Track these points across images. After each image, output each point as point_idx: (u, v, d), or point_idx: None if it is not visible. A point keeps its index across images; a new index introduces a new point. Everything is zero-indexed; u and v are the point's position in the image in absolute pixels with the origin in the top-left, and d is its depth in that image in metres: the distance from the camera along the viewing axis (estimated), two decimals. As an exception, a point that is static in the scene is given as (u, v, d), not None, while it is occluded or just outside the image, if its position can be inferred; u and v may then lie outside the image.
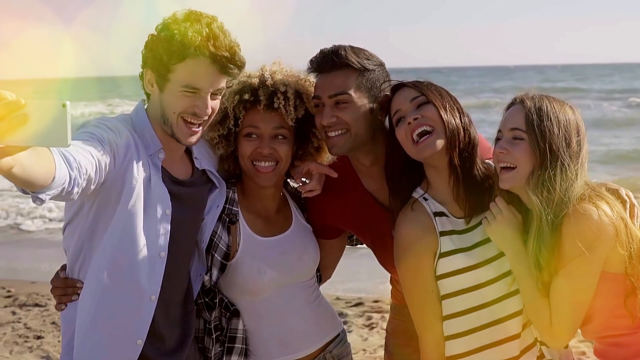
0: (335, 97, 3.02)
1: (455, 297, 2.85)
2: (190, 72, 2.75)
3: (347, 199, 3.21)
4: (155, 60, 2.80)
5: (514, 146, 2.71)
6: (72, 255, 2.86)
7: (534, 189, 2.68)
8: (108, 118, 2.81)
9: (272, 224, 3.26)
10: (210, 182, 3.12)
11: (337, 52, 3.04)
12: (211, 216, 3.11)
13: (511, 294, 2.86)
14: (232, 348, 3.12)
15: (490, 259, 2.85)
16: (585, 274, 2.65)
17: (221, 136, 3.14)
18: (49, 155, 2.09)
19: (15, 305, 8.45)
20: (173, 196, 2.88)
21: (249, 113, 3.11)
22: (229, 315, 3.13)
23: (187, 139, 2.84)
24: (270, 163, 3.12)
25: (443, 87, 2.93)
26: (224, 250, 3.09)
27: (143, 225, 2.77)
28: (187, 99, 2.78)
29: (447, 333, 2.86)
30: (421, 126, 2.80)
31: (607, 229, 2.62)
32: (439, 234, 2.84)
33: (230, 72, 2.80)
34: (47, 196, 2.13)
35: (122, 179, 2.72)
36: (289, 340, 3.23)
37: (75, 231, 2.81)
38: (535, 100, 2.73)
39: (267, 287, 3.15)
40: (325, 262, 3.41)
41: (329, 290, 8.57)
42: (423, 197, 2.89)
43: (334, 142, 3.06)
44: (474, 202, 2.87)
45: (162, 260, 2.84)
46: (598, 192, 2.70)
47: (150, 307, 2.83)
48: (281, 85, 3.08)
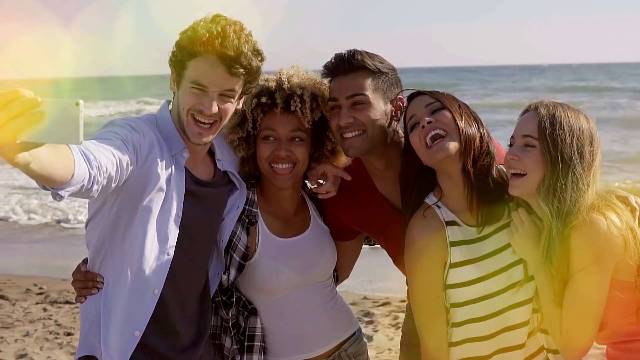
0: (353, 98, 3.07)
1: (463, 307, 2.86)
2: (198, 69, 2.81)
3: (361, 202, 3.26)
4: (174, 58, 2.89)
5: (525, 153, 2.70)
6: (94, 250, 2.92)
7: (545, 198, 2.68)
8: (133, 118, 2.87)
9: (290, 225, 3.31)
10: (231, 184, 3.18)
11: (353, 55, 3.10)
12: (231, 217, 3.16)
13: (519, 304, 2.86)
14: (252, 346, 3.17)
15: (500, 270, 2.85)
16: (593, 285, 2.65)
17: (241, 139, 3.20)
18: (68, 153, 2.15)
19: (47, 302, 8.57)
20: (193, 196, 2.93)
21: (266, 116, 3.16)
22: (246, 314, 3.19)
23: (195, 137, 2.88)
24: (287, 165, 3.17)
25: (462, 101, 2.94)
26: (242, 250, 3.15)
27: (157, 220, 2.83)
28: (195, 96, 2.84)
29: (453, 340, 2.89)
30: (434, 129, 2.79)
31: (615, 240, 2.62)
32: (449, 244, 2.84)
33: (235, 72, 2.82)
34: (67, 192, 2.19)
35: (144, 178, 2.78)
36: (305, 339, 3.28)
37: (97, 227, 2.88)
38: (549, 108, 2.72)
39: (284, 287, 3.20)
40: (341, 262, 3.46)
41: (357, 290, 8.61)
42: (436, 205, 2.88)
43: (351, 143, 3.10)
44: (487, 211, 2.85)
45: (169, 257, 2.88)
46: (608, 202, 2.69)
47: (152, 300, 2.87)
48: (298, 89, 3.13)
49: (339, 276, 3.53)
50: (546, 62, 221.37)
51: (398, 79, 3.19)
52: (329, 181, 3.27)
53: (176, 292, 2.94)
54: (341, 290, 7.92)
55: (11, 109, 1.72)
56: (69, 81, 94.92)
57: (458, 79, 73.56)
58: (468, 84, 63.35)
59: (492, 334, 2.88)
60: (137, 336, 2.87)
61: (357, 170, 3.28)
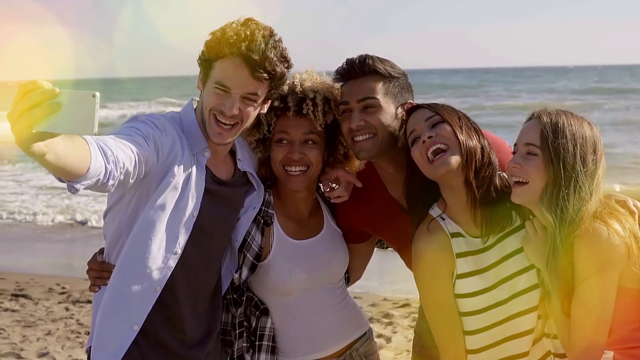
0: (364, 102, 3.10)
1: (469, 317, 2.88)
2: (223, 69, 2.86)
3: (373, 206, 3.28)
4: (202, 57, 2.93)
5: (528, 161, 2.69)
6: (110, 242, 2.97)
7: (548, 207, 2.67)
8: (157, 115, 2.91)
9: (304, 227, 3.35)
10: (250, 184, 3.21)
11: (365, 60, 3.13)
12: (247, 217, 3.20)
13: (523, 312, 2.87)
14: (260, 345, 3.21)
15: (504, 280, 2.86)
16: (598, 294, 2.63)
17: (258, 140, 3.24)
18: (85, 147, 2.20)
19: (69, 301, 8.66)
20: (211, 194, 2.97)
21: (279, 119, 3.20)
22: (258, 313, 3.22)
23: (215, 137, 2.92)
24: (300, 168, 3.20)
25: (461, 111, 2.93)
26: (255, 250, 3.18)
27: (168, 219, 2.86)
28: (218, 96, 2.88)
29: (470, 347, 2.91)
30: (435, 144, 2.79)
31: (618, 249, 2.60)
32: (456, 255, 2.84)
33: (258, 76, 2.85)
34: (82, 186, 2.23)
35: (164, 174, 2.82)
36: (316, 339, 3.31)
37: (115, 219, 2.92)
38: (552, 116, 2.70)
39: (297, 288, 3.24)
40: (353, 264, 3.50)
41: (377, 291, 8.62)
42: (440, 217, 2.89)
43: (362, 146, 3.12)
44: (490, 222, 2.85)
45: (176, 256, 2.91)
46: (610, 209, 2.67)
47: (153, 296, 2.90)
48: (310, 92, 3.17)
49: (351, 277, 3.56)
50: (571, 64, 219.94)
51: (409, 85, 3.22)
52: (341, 186, 3.30)
53: (188, 288, 2.97)
54: (362, 291, 7.93)
55: (29, 99, 1.78)
56: (96, 82, 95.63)
57: (482, 80, 73.37)
58: (492, 85, 63.10)
59: (496, 342, 2.89)
60: (135, 330, 2.89)
61: (369, 174, 3.31)
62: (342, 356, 3.36)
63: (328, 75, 3.29)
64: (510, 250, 2.87)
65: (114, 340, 2.89)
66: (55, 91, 1.80)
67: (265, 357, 3.21)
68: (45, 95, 1.79)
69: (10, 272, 9.98)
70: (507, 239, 2.88)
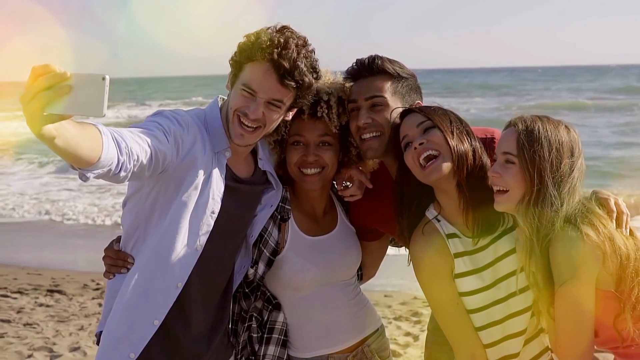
0: (372, 100, 3.16)
1: (470, 315, 2.93)
2: (252, 73, 2.92)
3: (385, 204, 3.30)
4: (234, 58, 2.99)
5: (506, 170, 2.74)
6: (127, 232, 3.05)
7: (524, 213, 2.71)
8: (181, 112, 2.98)
9: (319, 224, 3.41)
10: (268, 183, 3.27)
11: (374, 60, 3.20)
12: (264, 214, 3.25)
13: (517, 313, 2.92)
14: (270, 338, 3.27)
15: (500, 279, 2.92)
16: (575, 298, 2.66)
17: (276, 142, 3.30)
18: (97, 136, 2.27)
19: (103, 297, 8.77)
20: (230, 191, 3.03)
21: (295, 122, 3.25)
22: (270, 307, 3.28)
23: (237, 138, 2.98)
24: (315, 169, 3.26)
25: (453, 112, 2.99)
26: (272, 246, 3.24)
27: (190, 216, 2.93)
28: (244, 98, 2.93)
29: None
30: (427, 150, 2.86)
31: (592, 253, 2.62)
32: (453, 255, 2.90)
33: (286, 83, 2.90)
34: (92, 174, 2.31)
35: (184, 171, 2.88)
36: (328, 334, 3.36)
37: (132, 210, 3.00)
38: (528, 123, 2.74)
39: (309, 284, 3.29)
40: (366, 261, 3.56)
41: (409, 290, 8.61)
42: (436, 219, 2.95)
43: (369, 144, 3.19)
44: (482, 223, 2.91)
45: (197, 253, 2.97)
46: (587, 212, 2.68)
47: (174, 293, 2.97)
48: (324, 94, 3.21)
49: (365, 275, 3.62)
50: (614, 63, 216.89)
51: (418, 86, 3.28)
52: (354, 185, 3.35)
53: (201, 282, 3.03)
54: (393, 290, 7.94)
55: (41, 82, 1.87)
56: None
57: (522, 79, 72.81)
58: (532, 84, 62.56)
59: (494, 342, 2.94)
60: (155, 325, 2.97)
61: (381, 173, 3.37)
62: (354, 352, 3.40)
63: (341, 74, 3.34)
64: (505, 251, 2.93)
65: (134, 334, 2.96)
66: (66, 74, 1.88)
67: (273, 349, 3.26)
68: (56, 78, 1.88)
69: (47, 269, 10.18)
70: (500, 239, 2.94)
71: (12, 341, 7.24)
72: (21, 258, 10.84)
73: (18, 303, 8.58)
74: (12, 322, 7.84)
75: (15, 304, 8.56)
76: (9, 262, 10.71)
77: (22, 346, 7.09)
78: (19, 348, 7.03)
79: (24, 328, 7.66)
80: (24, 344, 7.14)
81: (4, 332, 7.50)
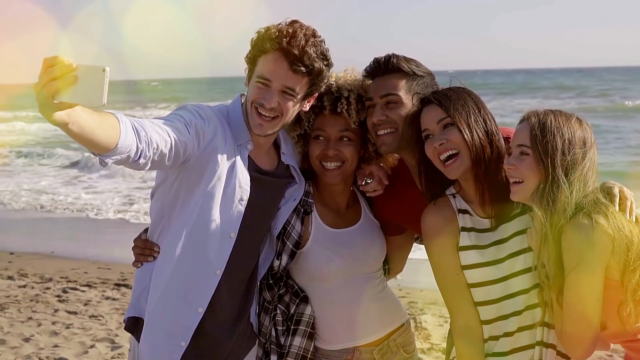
0: (386, 97, 3.24)
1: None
2: (265, 64, 3.05)
3: (405, 199, 3.39)
4: (248, 54, 3.13)
5: (521, 162, 2.84)
6: (154, 221, 3.21)
7: (538, 202, 2.79)
8: (203, 106, 3.11)
9: (342, 217, 3.49)
10: (292, 177, 3.37)
11: (390, 59, 3.28)
12: (287, 207, 3.36)
13: (514, 294, 2.99)
14: (296, 330, 3.35)
15: (502, 259, 3.00)
16: (585, 285, 2.71)
17: (299, 135, 3.42)
18: (115, 124, 2.44)
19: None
20: (254, 182, 3.15)
21: (317, 117, 3.36)
22: (297, 301, 3.36)
23: (256, 128, 3.10)
24: (336, 163, 3.35)
25: (470, 96, 3.06)
26: (295, 238, 3.34)
27: (220, 206, 3.06)
28: (260, 90, 3.06)
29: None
30: (447, 151, 2.99)
31: (601, 241, 2.68)
32: (461, 229, 3.03)
33: (297, 69, 3.02)
34: (111, 160, 2.48)
35: (205, 162, 3.01)
36: (355, 328, 3.42)
37: (158, 200, 3.16)
38: (540, 117, 2.85)
39: (334, 275, 3.37)
40: (393, 256, 3.63)
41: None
42: (452, 195, 3.10)
43: (383, 140, 3.26)
44: (498, 207, 3.03)
45: (231, 240, 3.11)
46: (597, 203, 2.75)
47: (214, 280, 3.11)
48: (345, 91, 3.31)
49: (392, 270, 3.68)
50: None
51: (435, 84, 3.32)
52: (374, 180, 3.42)
53: (227, 271, 3.13)
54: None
55: (51, 72, 2.05)
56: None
57: (576, 79, 71.69)
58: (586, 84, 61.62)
59: (490, 320, 3.03)
60: (200, 312, 3.10)
61: (400, 168, 3.44)
62: (380, 345, 3.46)
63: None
64: (511, 233, 3.02)
65: (181, 322, 3.11)
66: (73, 65, 2.06)
67: (300, 340, 3.33)
68: (63, 69, 2.05)
69: (117, 263, 10.48)
70: (510, 222, 3.03)
71: (76, 332, 7.53)
72: (93, 253, 11.25)
73: (86, 296, 8.91)
74: (79, 314, 8.15)
75: (83, 296, 8.89)
76: (82, 257, 11.14)
77: (86, 337, 7.37)
78: (83, 339, 7.31)
79: (89, 320, 7.95)
80: (88, 335, 7.42)
81: (70, 323, 7.81)
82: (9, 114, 45.26)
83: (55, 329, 7.62)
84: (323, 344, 3.42)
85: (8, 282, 9.51)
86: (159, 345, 3.13)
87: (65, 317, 8.03)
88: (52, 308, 8.38)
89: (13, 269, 10.27)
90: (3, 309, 8.30)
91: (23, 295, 8.92)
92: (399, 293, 8.83)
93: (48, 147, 27.44)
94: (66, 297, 8.83)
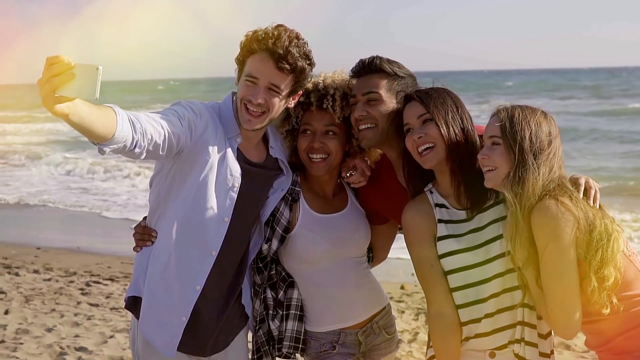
0: (368, 95, 3.49)
1: (448, 276, 3.26)
2: (253, 63, 3.34)
3: (387, 191, 3.64)
4: (238, 58, 3.43)
5: (493, 151, 3.10)
6: (151, 208, 3.51)
7: (509, 186, 3.03)
8: (196, 102, 3.41)
9: (329, 204, 3.75)
10: (280, 170, 3.65)
11: (373, 60, 3.54)
12: (275, 196, 3.63)
13: (490, 278, 3.20)
14: (288, 315, 3.62)
15: (479, 245, 3.22)
16: (558, 261, 2.94)
17: (287, 131, 3.69)
18: (112, 116, 2.74)
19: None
20: (244, 173, 3.44)
21: (305, 113, 3.64)
22: (285, 286, 3.63)
23: (245, 123, 3.38)
24: (321, 155, 3.60)
25: (449, 95, 3.34)
26: (284, 224, 3.60)
27: (215, 193, 3.35)
28: (248, 87, 3.35)
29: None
30: (424, 143, 3.26)
31: (566, 217, 2.93)
32: (437, 221, 3.27)
33: (282, 67, 3.29)
34: (109, 148, 2.77)
35: (197, 153, 3.30)
36: (341, 310, 3.67)
37: (155, 188, 3.46)
38: (509, 110, 3.12)
39: (321, 257, 3.63)
40: (377, 244, 3.89)
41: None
42: (429, 190, 3.35)
43: (364, 134, 3.52)
44: (472, 198, 3.27)
45: (225, 224, 3.40)
46: (562, 187, 3.02)
47: (210, 260, 3.41)
48: (331, 89, 3.58)
49: (376, 257, 3.94)
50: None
51: (415, 84, 3.57)
52: (357, 173, 3.68)
53: (220, 253, 3.42)
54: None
55: (53, 69, 2.36)
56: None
57: (598, 79, 71.28)
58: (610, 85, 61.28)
59: (468, 303, 3.23)
60: (198, 290, 3.41)
61: (383, 163, 3.69)
62: (364, 327, 3.70)
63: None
64: (487, 221, 3.24)
65: (181, 299, 3.41)
66: (71, 64, 2.36)
67: (292, 324, 3.60)
68: (63, 67, 2.35)
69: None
70: (485, 212, 3.27)
71: (97, 323, 7.83)
72: (118, 249, 11.57)
73: (108, 289, 9.23)
74: (100, 306, 8.46)
75: (106, 289, 9.21)
76: (107, 252, 11.51)
77: (106, 328, 7.66)
78: (103, 329, 7.60)
79: (110, 312, 8.26)
80: (108, 326, 7.71)
81: (92, 314, 8.12)
82: (36, 113, 45.90)
83: (77, 320, 7.93)
84: (311, 326, 3.66)
85: (34, 276, 9.88)
86: (161, 322, 3.42)
87: (87, 309, 8.35)
88: (75, 300, 8.71)
89: (39, 263, 10.67)
90: (28, 301, 8.64)
91: (47, 288, 9.26)
92: (414, 289, 9.06)
93: (73, 147, 27.87)
94: (89, 290, 9.16)
